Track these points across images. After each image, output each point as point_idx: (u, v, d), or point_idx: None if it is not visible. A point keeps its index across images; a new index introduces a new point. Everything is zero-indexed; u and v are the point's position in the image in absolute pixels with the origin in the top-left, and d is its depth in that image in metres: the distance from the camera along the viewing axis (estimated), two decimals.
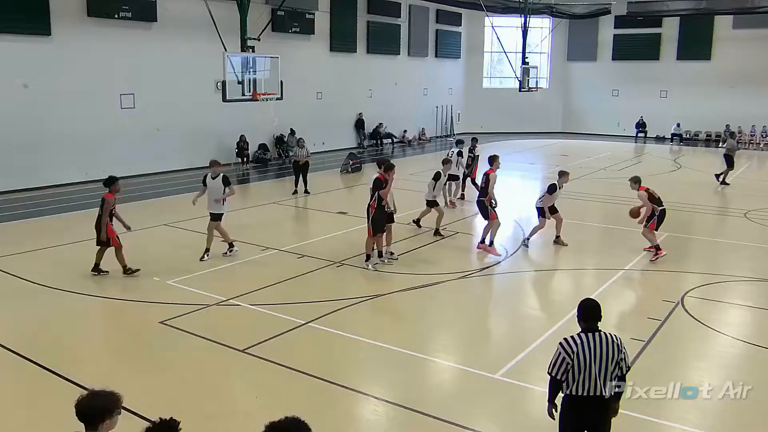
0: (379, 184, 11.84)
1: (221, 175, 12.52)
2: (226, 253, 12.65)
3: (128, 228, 11.64)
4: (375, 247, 12.27)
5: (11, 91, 18.73)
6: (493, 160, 13.80)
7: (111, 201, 11.20)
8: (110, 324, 9.56)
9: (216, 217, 12.45)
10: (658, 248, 12.79)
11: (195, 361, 8.38)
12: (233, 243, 12.77)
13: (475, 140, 19.73)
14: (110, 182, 11.30)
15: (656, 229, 12.86)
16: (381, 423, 7.07)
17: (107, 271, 11.40)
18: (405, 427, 6.92)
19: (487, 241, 13.38)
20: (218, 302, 10.25)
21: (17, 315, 9.81)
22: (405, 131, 34.47)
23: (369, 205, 11.98)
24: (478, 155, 18.98)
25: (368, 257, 12.14)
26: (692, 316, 9.88)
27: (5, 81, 18.58)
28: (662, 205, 12.94)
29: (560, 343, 5.27)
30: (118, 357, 8.56)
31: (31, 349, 8.48)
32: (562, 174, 13.91)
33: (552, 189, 13.71)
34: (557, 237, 14.00)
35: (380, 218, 12.00)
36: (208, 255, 12.44)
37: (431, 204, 14.78)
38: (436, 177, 14.81)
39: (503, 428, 6.79)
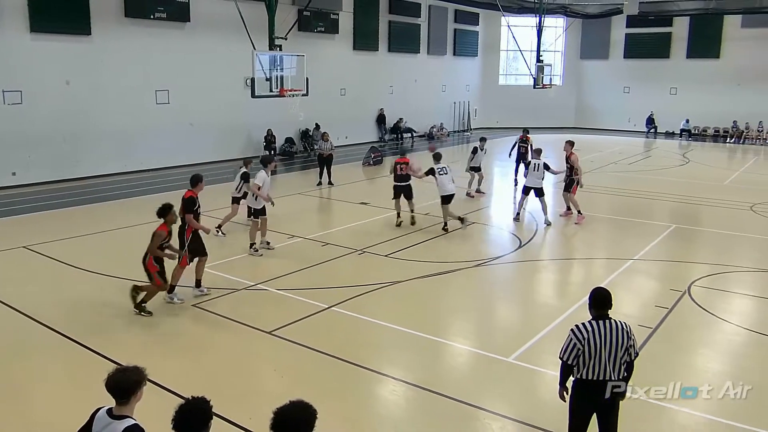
0: (192, 203, 9.52)
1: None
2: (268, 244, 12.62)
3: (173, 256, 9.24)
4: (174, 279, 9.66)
5: (55, 88, 18.96)
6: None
7: (163, 235, 8.90)
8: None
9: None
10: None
11: (225, 342, 8.45)
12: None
13: (526, 130, 20.53)
14: (164, 212, 8.97)
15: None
16: (399, 403, 7.08)
17: (150, 312, 9.20)
18: (422, 406, 6.93)
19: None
20: (247, 287, 10.33)
21: (58, 296, 9.97)
22: (433, 126, 34.71)
23: (185, 229, 9.54)
24: (532, 144, 19.65)
25: (173, 288, 9.57)
26: (698, 305, 9.78)
27: (49, 78, 18.81)
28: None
29: (572, 330, 5.24)
30: (153, 337, 8.65)
31: (70, 327, 8.66)
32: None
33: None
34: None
35: (199, 244, 9.72)
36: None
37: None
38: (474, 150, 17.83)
39: (516, 409, 6.78)
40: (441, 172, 13.82)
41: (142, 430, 3.80)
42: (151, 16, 20.82)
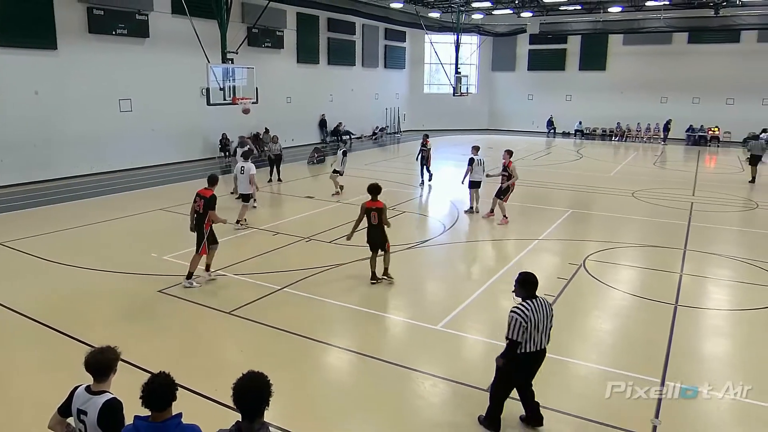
0: (215, 201, 9.42)
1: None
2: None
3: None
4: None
5: (24, 97, 17.96)
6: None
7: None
8: (116, 293, 9.31)
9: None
10: None
11: (189, 323, 8.27)
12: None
13: (426, 136, 19.94)
14: (378, 191, 9.90)
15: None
16: (344, 368, 7.12)
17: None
18: (364, 370, 6.98)
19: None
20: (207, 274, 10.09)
21: (35, 288, 9.51)
22: (378, 126, 34.99)
23: (203, 223, 9.39)
24: (430, 148, 19.51)
25: (191, 275, 9.52)
26: (592, 276, 10.16)
27: (19, 88, 17.80)
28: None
29: (515, 311, 5.16)
30: (123, 321, 8.37)
31: (47, 316, 8.28)
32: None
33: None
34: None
35: (213, 234, 9.70)
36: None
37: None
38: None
39: (444, 369, 6.90)
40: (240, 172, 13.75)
41: (119, 402, 3.71)
42: (113, 33, 19.95)
